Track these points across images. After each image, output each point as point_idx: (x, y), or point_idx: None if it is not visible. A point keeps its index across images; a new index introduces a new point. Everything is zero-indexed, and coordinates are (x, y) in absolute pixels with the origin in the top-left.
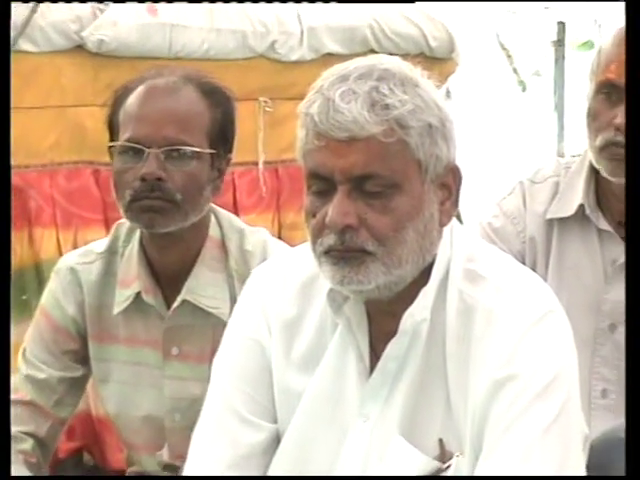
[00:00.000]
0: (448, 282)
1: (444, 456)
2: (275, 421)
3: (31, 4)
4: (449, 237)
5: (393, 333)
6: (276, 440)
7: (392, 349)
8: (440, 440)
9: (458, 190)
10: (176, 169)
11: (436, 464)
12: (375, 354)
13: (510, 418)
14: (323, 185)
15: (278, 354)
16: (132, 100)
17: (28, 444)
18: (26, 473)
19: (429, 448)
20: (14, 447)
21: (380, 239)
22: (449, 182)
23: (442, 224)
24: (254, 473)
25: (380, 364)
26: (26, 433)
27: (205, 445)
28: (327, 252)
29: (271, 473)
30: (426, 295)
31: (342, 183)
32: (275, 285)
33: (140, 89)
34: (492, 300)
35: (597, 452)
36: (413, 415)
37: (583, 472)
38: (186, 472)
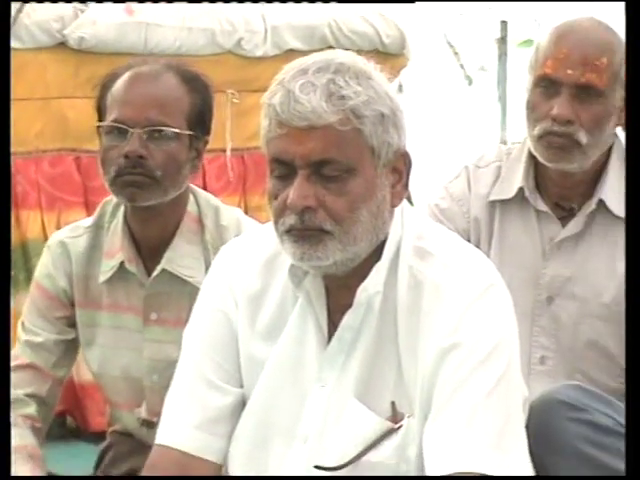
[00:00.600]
0: (399, 259)
1: (396, 417)
2: (241, 386)
3: (17, 4)
4: (400, 217)
5: (349, 305)
6: (242, 404)
7: (348, 320)
8: (392, 403)
9: (408, 174)
10: (157, 148)
11: (388, 424)
12: (333, 325)
13: (456, 382)
14: (284, 170)
15: (244, 325)
16: (118, 85)
17: (32, 408)
18: (30, 437)
19: (382, 410)
20: (19, 411)
21: (337, 219)
22: (400, 167)
23: (393, 205)
24: (221, 434)
25: (337, 333)
26: (29, 395)
27: (177, 408)
28: (288, 231)
29: (237, 434)
30: (379, 271)
31: (302, 168)
32: (241, 261)
33: (126, 75)
34: (439, 275)
35: (536, 412)
36: (367, 380)
37: (523, 431)
38: (159, 434)
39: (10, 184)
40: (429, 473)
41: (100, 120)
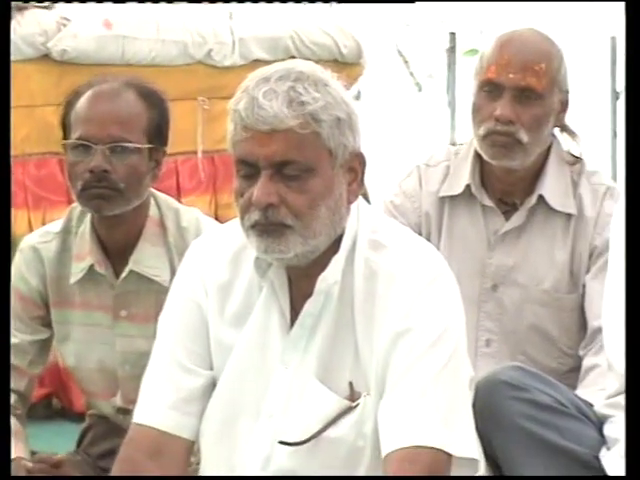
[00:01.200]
0: (355, 251)
1: (353, 396)
2: (211, 369)
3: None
4: (356, 213)
5: (310, 294)
6: (212, 385)
7: (309, 307)
8: (350, 383)
9: (363, 173)
10: (119, 162)
11: (346, 403)
12: (295, 311)
13: (408, 363)
14: (249, 170)
15: (213, 312)
16: (81, 103)
17: (12, 399)
18: (15, 424)
19: (341, 390)
20: None
21: (297, 215)
22: (355, 166)
23: (349, 202)
24: (193, 413)
25: (299, 320)
26: (10, 389)
27: (152, 390)
28: (253, 226)
29: (208, 413)
30: (337, 262)
31: (265, 168)
32: (210, 254)
33: (88, 93)
34: (392, 265)
35: (481, 392)
36: (327, 362)
37: (470, 409)
38: (136, 413)
39: (10, 185)
40: (383, 448)
41: (65, 137)
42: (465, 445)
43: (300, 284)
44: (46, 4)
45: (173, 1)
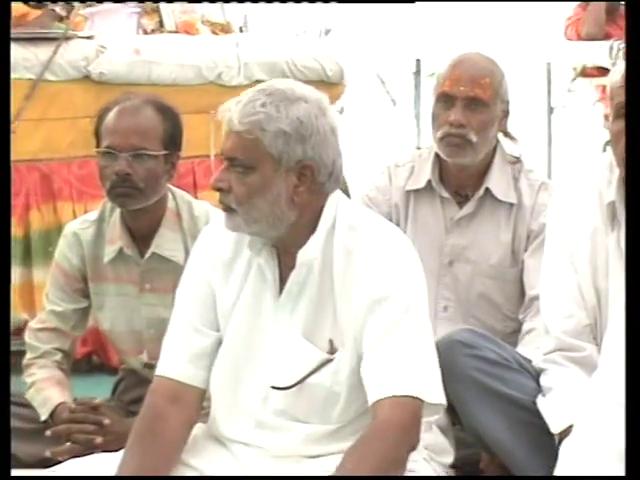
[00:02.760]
0: (334, 233)
1: (332, 350)
2: (218, 330)
3: (53, 45)
4: (335, 204)
5: (294, 267)
6: (219, 343)
7: (293, 277)
8: (330, 340)
9: (313, 181)
10: (140, 167)
11: (326, 356)
12: (283, 282)
13: (386, 326)
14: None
15: (219, 284)
16: (109, 117)
17: (58, 356)
18: (58, 372)
19: (322, 345)
20: (49, 359)
21: (238, 202)
22: (305, 173)
23: (294, 202)
24: (204, 367)
25: (286, 287)
26: (55, 349)
27: (171, 348)
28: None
29: (216, 366)
30: (315, 240)
31: (225, 160)
32: (218, 238)
33: (114, 109)
34: (366, 244)
35: (440, 349)
36: (310, 322)
37: (435, 358)
38: (158, 367)
39: (10, 185)
40: (373, 395)
41: (97, 145)
42: (437, 393)
43: (286, 259)
44: (88, 34)
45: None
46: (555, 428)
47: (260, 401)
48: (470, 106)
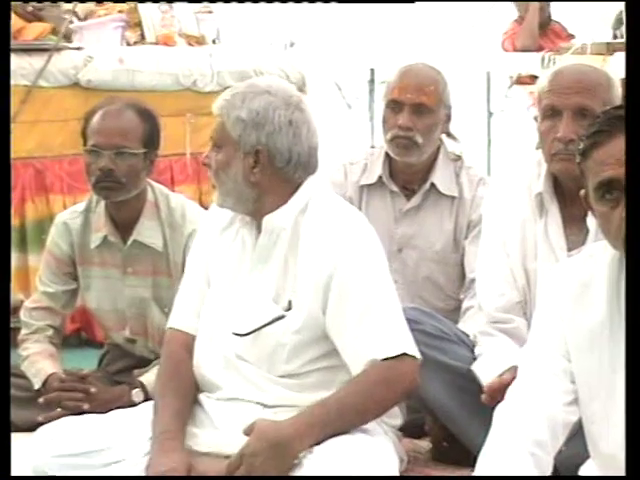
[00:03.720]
0: (306, 213)
1: (288, 307)
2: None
3: (46, 55)
4: (310, 190)
5: None
6: None
7: (260, 241)
8: (289, 301)
9: (269, 165)
10: (121, 163)
11: (281, 312)
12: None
13: (350, 287)
14: None
15: (214, 249)
16: (94, 119)
17: (50, 332)
18: (50, 346)
19: (281, 303)
20: (42, 334)
21: (213, 176)
22: (259, 158)
23: (251, 181)
24: (202, 311)
25: (256, 250)
26: (48, 325)
27: (181, 305)
28: None
29: (202, 313)
30: (280, 213)
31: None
32: (219, 213)
33: (99, 112)
34: (332, 220)
35: None
36: (275, 284)
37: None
38: (171, 321)
39: (10, 185)
40: (352, 368)
41: (84, 144)
42: (415, 348)
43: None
44: (77, 45)
45: (173, 1)
46: None
47: (226, 345)
48: (416, 111)
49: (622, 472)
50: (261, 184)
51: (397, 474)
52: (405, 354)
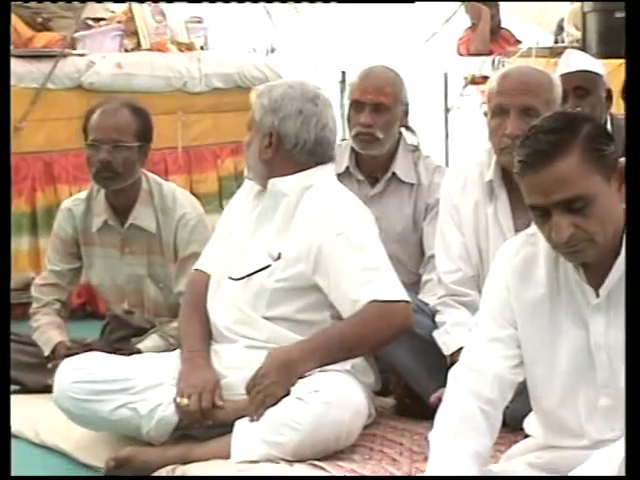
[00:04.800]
0: (309, 191)
1: (277, 259)
2: None
3: (53, 61)
4: (317, 174)
5: None
6: None
7: (263, 202)
8: (279, 253)
9: (280, 147)
10: (118, 155)
11: (270, 261)
12: None
13: (345, 257)
14: None
15: (238, 212)
16: (94, 117)
17: (57, 305)
18: (57, 318)
19: (272, 255)
20: (50, 307)
21: (245, 154)
22: (272, 140)
23: (262, 159)
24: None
25: (258, 210)
26: (55, 299)
27: (207, 251)
28: None
29: (219, 257)
30: (283, 181)
31: None
32: (244, 188)
33: (98, 111)
34: (332, 195)
35: None
36: (273, 238)
37: (391, 268)
38: (197, 263)
39: (10, 184)
40: (344, 312)
41: (85, 139)
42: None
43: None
44: (80, 52)
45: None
46: (447, 351)
47: (227, 287)
48: (376, 110)
49: (559, 425)
50: (272, 162)
51: (364, 411)
52: (401, 300)
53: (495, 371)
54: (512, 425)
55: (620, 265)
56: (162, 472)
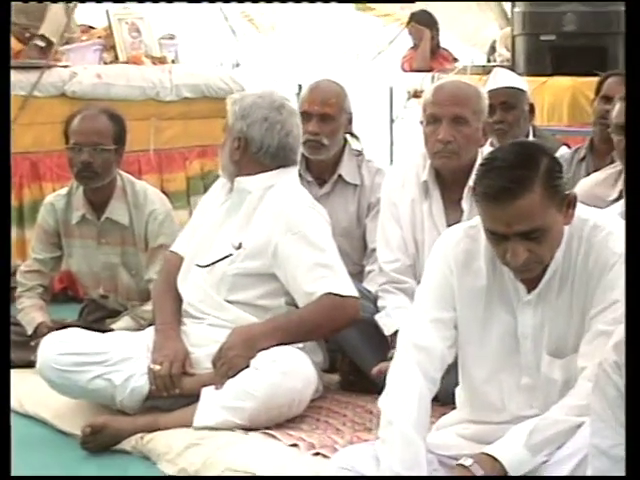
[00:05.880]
0: (270, 190)
1: (237, 248)
2: None
3: (39, 72)
4: (280, 176)
5: None
6: None
7: (232, 198)
8: (240, 243)
9: (246, 150)
10: (97, 157)
11: (231, 250)
12: None
13: (301, 254)
14: None
15: (210, 204)
16: (75, 122)
17: (40, 290)
18: (40, 301)
19: (234, 243)
20: (33, 292)
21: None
22: (240, 143)
23: (232, 159)
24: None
25: (226, 205)
26: (38, 284)
27: (181, 235)
28: None
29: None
30: (248, 180)
31: None
32: (218, 184)
33: (78, 116)
34: (292, 196)
35: None
36: (237, 231)
37: (342, 265)
38: (173, 246)
39: (10, 184)
40: (300, 302)
41: (67, 142)
42: (350, 289)
43: None
44: (64, 64)
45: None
46: (387, 332)
47: (195, 273)
48: (322, 120)
49: (483, 400)
50: (239, 163)
51: (314, 382)
52: (351, 296)
53: (439, 351)
54: (442, 400)
55: (551, 270)
56: (131, 439)
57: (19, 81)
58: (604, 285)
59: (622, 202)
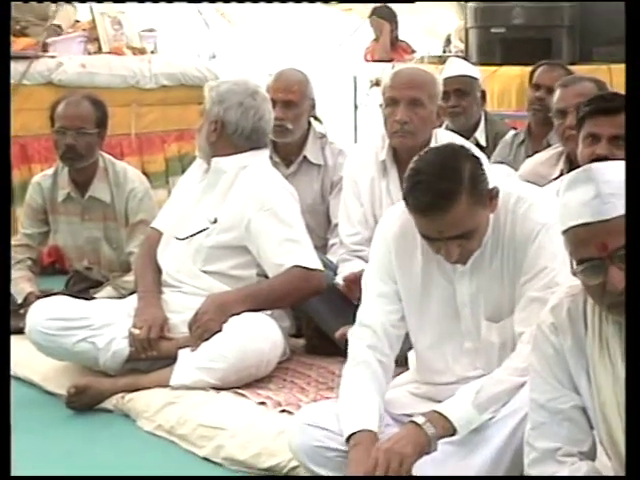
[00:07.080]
0: (244, 170)
1: (213, 223)
2: None
3: (28, 62)
4: (253, 158)
5: None
6: None
7: (209, 176)
8: (216, 218)
9: (223, 133)
10: (81, 140)
11: (207, 224)
12: None
13: (271, 229)
14: None
15: (189, 182)
16: (60, 107)
17: (29, 262)
18: (29, 273)
19: (210, 218)
20: (23, 264)
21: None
22: (216, 126)
23: (209, 141)
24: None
25: (204, 182)
26: (28, 257)
27: (162, 212)
28: None
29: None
30: (223, 161)
31: None
32: (196, 164)
33: (63, 102)
34: (263, 175)
35: None
36: (213, 207)
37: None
38: (153, 222)
39: (10, 182)
40: (270, 273)
41: (52, 125)
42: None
43: None
44: (51, 54)
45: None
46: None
47: (174, 245)
48: (286, 106)
49: (428, 364)
50: (215, 144)
51: (281, 344)
52: (317, 269)
53: (383, 327)
54: (398, 362)
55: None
56: (113, 399)
57: None
58: (531, 253)
59: (559, 180)
